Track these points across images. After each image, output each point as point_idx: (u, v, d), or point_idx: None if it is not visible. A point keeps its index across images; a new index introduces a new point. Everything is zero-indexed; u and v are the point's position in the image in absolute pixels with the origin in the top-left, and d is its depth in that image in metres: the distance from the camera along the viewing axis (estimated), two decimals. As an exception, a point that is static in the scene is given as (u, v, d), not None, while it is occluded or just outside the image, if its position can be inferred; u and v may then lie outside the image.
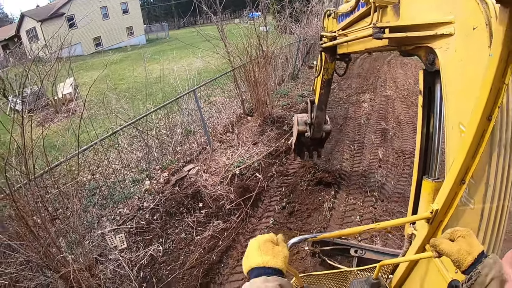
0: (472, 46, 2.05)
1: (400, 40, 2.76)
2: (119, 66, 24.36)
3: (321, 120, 6.73)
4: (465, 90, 2.12)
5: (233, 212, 6.99)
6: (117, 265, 5.85)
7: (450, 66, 2.25)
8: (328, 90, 6.18)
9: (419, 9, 2.54)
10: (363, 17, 3.52)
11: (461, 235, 1.71)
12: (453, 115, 2.23)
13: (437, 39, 2.33)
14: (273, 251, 1.53)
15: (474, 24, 2.00)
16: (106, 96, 11.87)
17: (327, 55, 5.46)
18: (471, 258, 1.61)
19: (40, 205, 5.07)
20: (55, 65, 10.41)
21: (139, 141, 9.62)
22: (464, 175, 2.05)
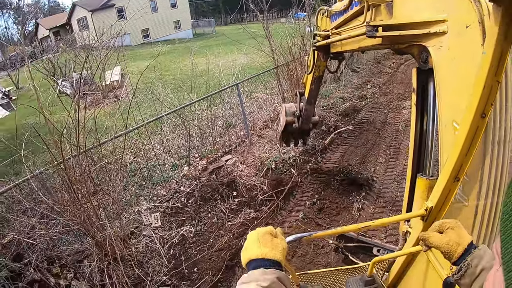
0: (465, 44, 2.07)
1: (394, 39, 2.78)
2: (165, 58, 24.86)
3: (309, 113, 6.70)
4: (458, 88, 2.14)
5: (265, 203, 7.19)
6: (150, 240, 6.21)
7: (443, 64, 2.27)
8: (318, 86, 6.16)
9: (412, 7, 2.55)
10: (356, 15, 3.50)
11: (450, 226, 1.71)
12: (446, 113, 2.26)
13: (430, 37, 2.34)
14: (272, 243, 1.55)
15: (467, 23, 2.02)
16: (153, 84, 12.28)
17: (320, 54, 5.41)
18: (461, 249, 1.61)
19: (86, 177, 5.46)
20: (105, 53, 10.87)
21: (181, 129, 10.04)
22: (458, 172, 2.06)
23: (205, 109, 10.69)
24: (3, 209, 5.98)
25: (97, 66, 7.83)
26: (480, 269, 1.47)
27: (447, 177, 2.07)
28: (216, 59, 15.68)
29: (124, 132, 6.61)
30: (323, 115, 11.34)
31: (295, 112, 6.80)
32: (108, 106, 14.79)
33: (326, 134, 10.09)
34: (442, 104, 2.28)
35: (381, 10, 2.92)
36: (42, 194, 5.57)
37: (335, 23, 4.34)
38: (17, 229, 5.59)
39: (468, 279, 1.50)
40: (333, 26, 4.42)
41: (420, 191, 2.78)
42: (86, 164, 5.52)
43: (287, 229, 6.53)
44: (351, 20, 3.74)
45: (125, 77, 21.10)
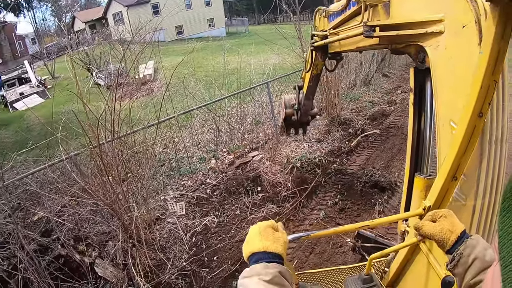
0: (462, 44, 2.06)
1: (391, 39, 2.74)
2: (198, 55, 25.09)
3: (308, 107, 6.48)
4: (455, 87, 2.14)
5: (288, 199, 7.31)
6: (174, 227, 6.48)
7: (440, 64, 2.25)
8: (316, 83, 5.97)
9: (410, 7, 2.52)
10: (354, 16, 3.41)
11: (443, 215, 1.73)
12: (443, 112, 2.25)
13: (427, 37, 2.32)
14: (273, 236, 1.55)
15: (463, 22, 2.02)
16: (185, 80, 12.51)
17: (318, 54, 5.27)
18: (454, 236, 1.62)
19: (118, 162, 5.71)
20: (139, 47, 11.18)
21: (211, 124, 10.25)
22: (455, 171, 2.05)
23: (235, 106, 10.89)
24: (36, 188, 6.29)
25: (133, 60, 8.07)
26: (472, 258, 1.50)
27: (445, 176, 2.07)
28: (248, 57, 15.79)
29: (156, 122, 6.86)
30: (351, 118, 11.39)
31: (294, 105, 6.64)
32: (141, 99, 15.12)
33: (353, 136, 10.14)
34: (439, 103, 2.30)
35: (378, 10, 2.87)
36: (75, 175, 5.86)
37: (332, 23, 4.28)
38: (48, 207, 5.89)
39: (461, 268, 1.54)
40: (330, 27, 4.35)
41: (418, 190, 2.77)
42: (119, 149, 5.77)
43: (307, 227, 6.65)
44: (349, 20, 3.67)
45: (158, 71, 21.50)
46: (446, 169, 2.04)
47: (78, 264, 5.31)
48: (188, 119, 10.06)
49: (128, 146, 6.38)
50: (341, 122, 11.09)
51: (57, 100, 15.50)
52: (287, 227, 6.62)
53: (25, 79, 30.58)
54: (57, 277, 5.06)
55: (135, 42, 15.27)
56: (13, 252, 4.93)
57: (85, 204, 6.08)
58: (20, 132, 16.28)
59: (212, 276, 5.67)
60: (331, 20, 4.33)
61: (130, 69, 16.59)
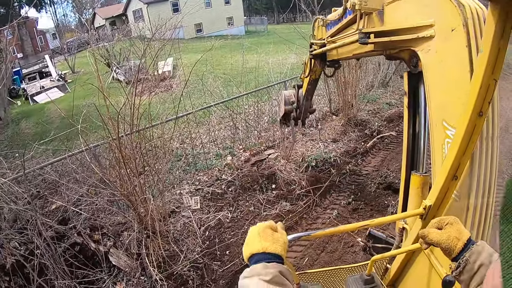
0: (451, 46, 2.12)
1: (385, 45, 2.82)
2: (217, 53, 25.17)
3: (307, 107, 6.65)
4: (447, 89, 2.20)
5: (301, 197, 7.36)
6: (188, 221, 6.60)
7: (431, 67, 2.32)
8: (314, 86, 6.19)
9: (402, 14, 2.59)
10: (350, 24, 3.51)
11: (449, 222, 1.71)
12: (436, 113, 2.31)
13: (419, 42, 2.39)
14: (272, 237, 1.55)
15: (452, 26, 2.09)
16: (204, 76, 12.61)
17: (317, 62, 5.44)
18: (461, 244, 1.60)
19: (136, 154, 5.82)
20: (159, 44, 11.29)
21: (228, 121, 10.35)
22: (456, 171, 2.04)
23: (253, 104, 10.95)
24: (56, 177, 6.44)
25: (154, 57, 8.17)
26: (478, 264, 1.48)
27: (445, 175, 2.06)
28: (267, 56, 15.84)
29: (174, 117, 6.96)
30: (368, 119, 11.37)
31: (294, 103, 6.79)
32: (159, 94, 15.26)
33: (369, 137, 10.14)
34: (432, 105, 2.36)
35: (373, 18, 2.98)
36: (94, 166, 6.00)
37: (330, 32, 4.39)
38: (66, 196, 6.04)
39: (466, 275, 1.52)
40: (328, 35, 4.45)
41: (415, 188, 2.81)
42: (138, 143, 5.89)
43: (320, 225, 6.69)
44: (345, 29, 3.78)
45: (177, 68, 21.65)
46: (446, 169, 2.03)
47: (93, 252, 5.44)
48: (205, 115, 10.16)
49: (147, 140, 6.48)
50: (357, 123, 11.08)
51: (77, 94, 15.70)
52: (300, 225, 6.68)
53: (45, 73, 31.03)
54: (72, 264, 5.21)
55: (155, 39, 15.41)
56: (30, 238, 5.06)
57: (102, 194, 6.22)
58: (41, 123, 16.54)
59: (223, 269, 5.75)
60: (329, 29, 4.47)
61: (149, 65, 16.76)
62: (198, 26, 51.68)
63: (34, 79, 30.09)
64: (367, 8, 2.88)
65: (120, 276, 5.46)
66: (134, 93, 5.59)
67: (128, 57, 22.45)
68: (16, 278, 4.85)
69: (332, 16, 4.27)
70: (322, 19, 4.70)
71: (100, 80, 5.47)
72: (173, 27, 13.90)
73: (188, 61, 18.36)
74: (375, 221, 2.11)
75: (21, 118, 19.88)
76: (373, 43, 2.90)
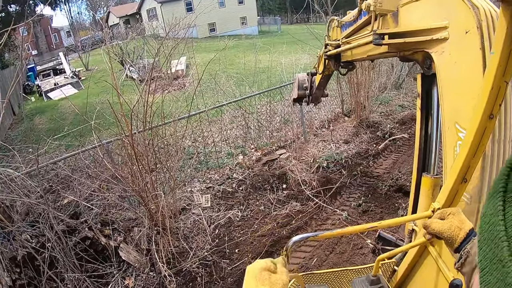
0: (465, 48, 2.13)
1: (399, 46, 2.85)
2: (230, 52, 25.21)
3: (318, 95, 6.80)
4: (460, 91, 2.20)
5: (311, 198, 7.33)
6: (198, 218, 6.63)
7: (445, 69, 2.33)
8: (327, 79, 6.30)
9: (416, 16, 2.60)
10: (365, 25, 3.55)
11: (451, 212, 1.70)
12: (449, 115, 2.31)
13: (433, 43, 2.40)
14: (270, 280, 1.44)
15: (466, 28, 2.10)
16: (217, 76, 12.65)
17: (331, 63, 5.50)
18: (463, 234, 1.59)
19: (148, 151, 5.87)
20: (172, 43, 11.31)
21: (240, 121, 10.39)
22: (465, 173, 1.99)
23: (265, 104, 10.97)
24: (68, 172, 6.52)
25: (167, 55, 8.19)
26: None
27: (455, 178, 2.01)
28: (280, 57, 15.85)
29: (187, 116, 7.00)
30: (380, 121, 11.32)
31: (306, 89, 6.88)
32: (172, 93, 15.34)
33: (381, 139, 10.09)
34: (444, 107, 2.35)
35: (387, 19, 3.01)
36: (106, 162, 6.06)
37: (345, 32, 4.45)
38: (78, 191, 6.11)
39: (468, 267, 1.49)
40: (343, 36, 4.52)
41: (425, 189, 2.84)
42: (150, 140, 5.93)
43: (329, 226, 6.67)
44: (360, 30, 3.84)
45: (190, 67, 21.74)
46: (456, 171, 1.99)
47: (103, 247, 5.51)
48: (218, 114, 10.20)
49: (159, 137, 6.53)
50: (369, 125, 11.03)
51: (90, 91, 15.86)
52: (309, 226, 6.67)
53: (59, 70, 31.30)
54: (82, 258, 5.28)
55: (168, 37, 15.49)
56: (42, 231, 5.15)
57: (114, 190, 6.28)
58: (55, 119, 16.70)
59: (232, 267, 5.76)
60: (344, 30, 4.51)
61: (163, 64, 16.84)
62: (211, 26, 51.84)
63: (48, 76, 30.38)
64: (382, 9, 2.92)
65: (129, 271, 5.52)
66: (147, 91, 5.64)
67: (141, 55, 22.57)
68: (27, 270, 4.92)
69: (347, 18, 4.30)
70: (337, 20, 4.73)
71: (114, 78, 5.52)
72: (187, 26, 13.97)
73: (201, 60, 18.41)
74: (383, 223, 2.10)
75: (35, 114, 20.09)
76: (387, 44, 2.93)
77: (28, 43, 40.17)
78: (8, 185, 5.32)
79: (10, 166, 6.07)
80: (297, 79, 6.95)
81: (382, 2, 2.90)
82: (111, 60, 6.31)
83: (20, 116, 19.85)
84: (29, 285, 4.86)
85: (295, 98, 7.11)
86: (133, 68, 20.85)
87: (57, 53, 42.17)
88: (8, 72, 21.99)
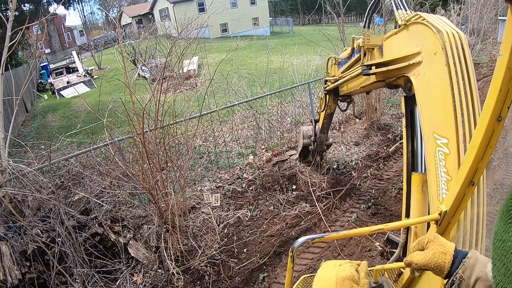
0: (435, 67, 2.51)
1: (385, 74, 3.32)
2: (242, 53, 25.26)
3: (323, 139, 7.36)
4: (434, 104, 2.53)
5: (321, 199, 7.31)
6: (207, 217, 6.65)
7: (421, 88, 2.70)
8: (330, 120, 6.89)
9: (397, 46, 3.10)
10: (358, 61, 4.05)
11: (429, 240, 1.62)
12: (427, 127, 2.59)
13: (411, 68, 2.82)
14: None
15: (434, 50, 2.50)
16: (229, 76, 12.69)
17: (330, 97, 6.17)
18: (449, 257, 1.52)
19: (159, 150, 5.91)
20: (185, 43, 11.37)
21: (251, 121, 10.41)
22: (473, 176, 1.95)
23: (276, 105, 11.00)
24: (80, 168, 6.58)
25: (179, 55, 8.24)
26: (474, 280, 1.39)
27: (462, 181, 1.98)
28: (291, 58, 15.87)
29: (198, 115, 7.03)
30: (391, 123, 11.27)
31: (311, 137, 7.57)
32: (184, 92, 15.41)
33: (391, 142, 10.04)
34: (423, 120, 2.65)
35: (374, 53, 3.59)
36: (117, 159, 6.11)
37: (341, 69, 5.10)
38: (89, 188, 6.17)
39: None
40: (340, 72, 5.16)
41: (416, 186, 3.03)
42: (161, 138, 5.98)
43: (338, 228, 6.67)
44: (354, 65, 4.45)
45: (202, 67, 21.81)
46: (463, 174, 1.97)
47: (113, 243, 5.55)
48: (229, 114, 10.22)
49: (170, 136, 6.57)
50: (380, 127, 10.96)
51: (103, 89, 15.98)
52: (318, 227, 6.67)
53: (72, 68, 31.58)
54: (92, 254, 5.33)
55: (181, 37, 15.57)
56: (52, 226, 5.21)
57: (124, 187, 6.33)
58: (67, 117, 16.85)
59: (240, 267, 5.77)
60: (340, 66, 5.24)
61: (175, 63, 16.92)
62: (223, 26, 52.01)
63: (61, 74, 30.68)
64: (370, 44, 3.60)
65: (138, 268, 5.55)
66: (159, 90, 5.69)
67: (154, 55, 22.69)
68: (37, 264, 5.00)
69: (343, 55, 5.07)
70: (334, 57, 5.54)
71: (127, 77, 5.56)
72: (199, 26, 14.04)
73: (213, 60, 18.50)
74: (389, 225, 2.11)
75: (47, 111, 20.25)
76: (375, 73, 3.47)
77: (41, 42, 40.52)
78: (21, 180, 5.39)
79: (22, 161, 6.14)
80: (302, 131, 7.74)
81: (370, 38, 3.60)
82: (123, 59, 6.36)
83: (33, 113, 20.06)
84: (38, 279, 4.92)
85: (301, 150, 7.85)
86: (145, 68, 20.97)
87: (70, 51, 42.50)
88: (21, 70, 22.18)
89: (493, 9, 20.22)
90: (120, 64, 6.00)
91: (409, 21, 2.91)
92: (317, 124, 7.28)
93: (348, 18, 15.11)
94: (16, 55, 22.49)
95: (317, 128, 7.37)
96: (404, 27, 2.95)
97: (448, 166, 2.40)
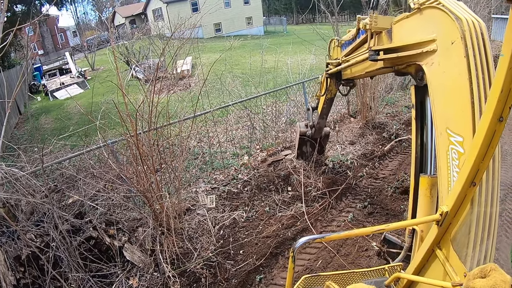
0: (452, 58, 2.30)
1: (393, 61, 3.10)
2: (235, 52, 25.27)
3: (321, 125, 7.26)
4: (449, 98, 2.33)
5: (317, 199, 7.29)
6: (203, 219, 6.60)
7: (435, 79, 2.51)
8: (330, 105, 6.71)
9: (408, 31, 2.87)
10: (363, 43, 3.85)
11: (491, 268, 1.66)
12: (441, 122, 2.42)
13: (424, 56, 2.62)
14: None
15: (452, 39, 2.29)
16: (222, 76, 12.66)
17: (332, 81, 5.89)
18: (508, 286, 1.58)
19: (153, 152, 5.87)
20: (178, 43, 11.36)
21: (245, 121, 10.39)
22: (474, 176, 1.97)
23: (271, 104, 10.97)
24: (73, 171, 6.53)
25: (173, 55, 8.20)
26: None
27: (463, 181, 1.99)
28: (285, 57, 15.85)
29: (192, 116, 6.99)
30: (386, 122, 11.27)
31: (308, 124, 7.50)
32: (178, 93, 15.36)
33: (386, 141, 10.04)
34: (436, 114, 2.49)
35: (382, 37, 3.31)
36: (111, 162, 6.07)
37: (344, 51, 4.79)
38: (83, 191, 6.12)
39: None
40: (343, 55, 4.87)
41: (423, 189, 2.96)
42: (155, 140, 5.93)
43: (335, 228, 6.66)
44: (358, 48, 4.16)
45: (196, 67, 21.77)
46: (464, 174, 1.98)
47: (108, 247, 5.52)
48: (223, 114, 10.19)
49: (164, 137, 6.52)
50: (375, 126, 10.98)
51: (96, 91, 15.90)
52: (314, 227, 6.64)
53: (65, 69, 31.50)
54: (86, 258, 5.29)
55: (174, 38, 15.52)
56: (46, 231, 5.16)
57: (118, 190, 6.29)
58: (60, 119, 16.78)
59: (236, 269, 5.74)
60: (344, 49, 4.93)
61: (168, 64, 16.87)
62: (217, 26, 52.00)
63: (54, 75, 30.57)
64: (377, 27, 3.28)
65: (133, 271, 5.53)
66: (152, 91, 5.64)
67: (147, 55, 22.63)
68: (31, 269, 4.94)
69: (347, 37, 4.74)
70: (337, 39, 5.22)
71: (120, 78, 5.51)
72: (192, 26, 13.99)
73: (207, 60, 18.46)
74: (390, 226, 2.14)
75: (40, 113, 20.17)
76: (383, 59, 3.21)
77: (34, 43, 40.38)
78: (13, 185, 5.33)
79: (15, 165, 6.08)
80: (298, 125, 7.79)
81: (377, 20, 3.24)
82: (116, 60, 6.31)
83: (26, 116, 19.97)
84: (33, 284, 4.87)
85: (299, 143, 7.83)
86: (139, 68, 20.91)
87: (63, 53, 42.43)
88: (14, 72, 22.09)
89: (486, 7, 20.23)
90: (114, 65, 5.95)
91: (423, 4, 2.68)
92: (315, 111, 7.20)
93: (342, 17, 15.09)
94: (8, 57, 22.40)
95: (314, 115, 7.30)
96: (418, 10, 2.72)
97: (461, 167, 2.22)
